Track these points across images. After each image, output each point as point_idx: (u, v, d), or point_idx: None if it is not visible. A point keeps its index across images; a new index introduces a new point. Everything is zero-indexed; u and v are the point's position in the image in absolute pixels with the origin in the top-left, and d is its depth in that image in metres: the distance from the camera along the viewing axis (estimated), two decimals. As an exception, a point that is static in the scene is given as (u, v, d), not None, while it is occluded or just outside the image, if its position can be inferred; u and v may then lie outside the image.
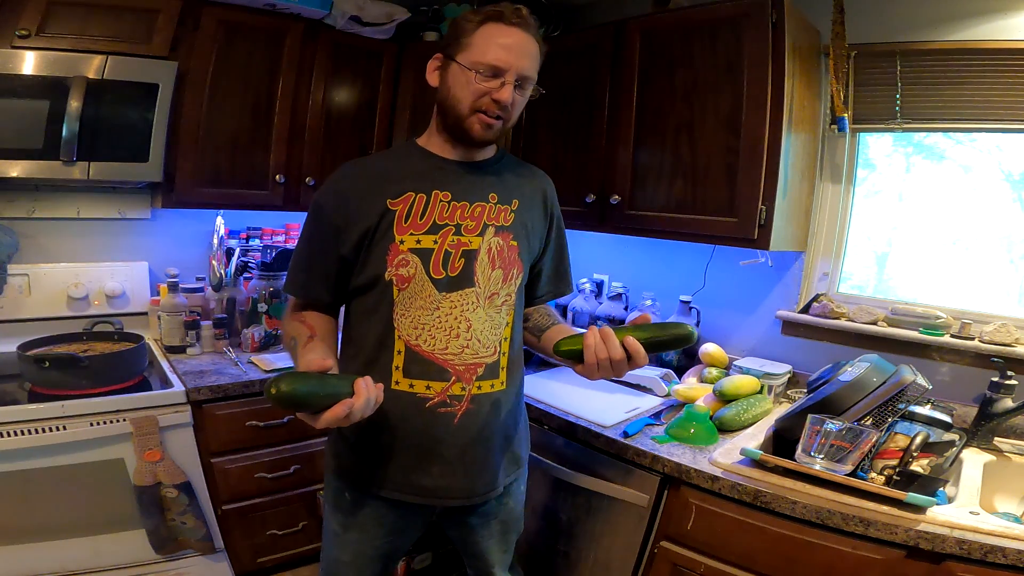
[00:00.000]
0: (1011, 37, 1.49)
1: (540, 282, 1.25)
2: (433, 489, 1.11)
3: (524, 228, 1.17)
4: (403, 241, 1.06)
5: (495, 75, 1.03)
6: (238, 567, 1.78)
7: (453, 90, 1.06)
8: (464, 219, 1.10)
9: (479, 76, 1.03)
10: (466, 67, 1.03)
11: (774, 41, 1.52)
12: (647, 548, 1.42)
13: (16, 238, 1.81)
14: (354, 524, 1.16)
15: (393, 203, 1.07)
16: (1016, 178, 1.61)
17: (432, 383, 1.07)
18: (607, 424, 1.52)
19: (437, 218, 1.08)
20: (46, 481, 1.45)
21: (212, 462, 1.68)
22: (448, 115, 1.08)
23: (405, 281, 1.06)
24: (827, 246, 1.84)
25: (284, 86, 1.94)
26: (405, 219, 1.07)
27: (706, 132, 1.66)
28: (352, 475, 1.14)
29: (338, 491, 1.17)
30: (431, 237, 1.07)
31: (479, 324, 1.09)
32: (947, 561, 1.06)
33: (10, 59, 1.48)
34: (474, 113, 1.05)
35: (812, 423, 1.25)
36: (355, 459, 1.13)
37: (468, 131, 1.07)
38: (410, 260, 1.06)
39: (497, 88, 1.03)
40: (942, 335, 1.56)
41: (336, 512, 1.18)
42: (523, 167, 1.25)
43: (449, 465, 1.10)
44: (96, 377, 1.55)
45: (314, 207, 1.12)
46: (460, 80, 1.05)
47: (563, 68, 2.01)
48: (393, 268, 1.06)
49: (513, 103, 1.06)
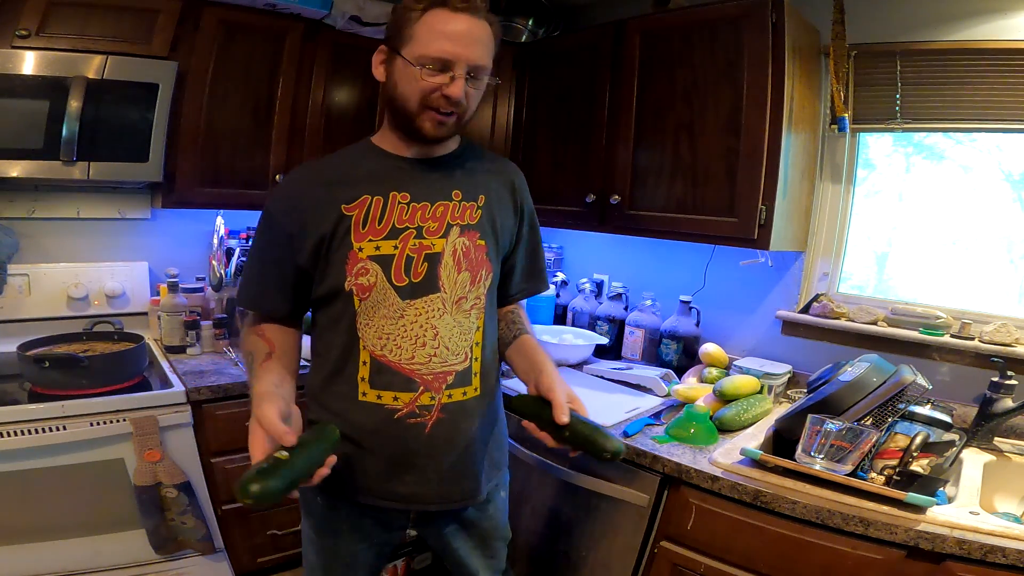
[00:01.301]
0: (1011, 37, 1.49)
1: (512, 280, 1.19)
2: (407, 496, 1.07)
3: (492, 225, 1.10)
4: (362, 248, 1.00)
5: (443, 69, 0.94)
6: (238, 567, 1.78)
7: (400, 87, 0.98)
8: (425, 220, 1.03)
9: (426, 71, 0.94)
10: (411, 62, 0.95)
11: (774, 41, 1.52)
12: (647, 548, 1.42)
13: (16, 238, 1.81)
14: (328, 529, 1.13)
15: (348, 208, 1.01)
16: (1016, 178, 1.61)
17: (399, 394, 1.03)
18: (607, 424, 1.52)
19: (396, 221, 1.02)
20: (46, 481, 1.45)
21: (212, 462, 1.68)
22: (397, 113, 1.01)
23: (366, 290, 1.01)
24: (827, 246, 1.84)
25: (284, 86, 1.93)
26: (363, 225, 1.01)
27: (706, 132, 1.66)
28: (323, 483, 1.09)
29: (311, 496, 1.13)
30: (391, 242, 1.01)
31: (446, 331, 1.04)
32: (947, 561, 1.06)
33: (10, 59, 1.47)
34: (424, 111, 0.97)
35: (812, 423, 1.25)
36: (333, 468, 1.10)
37: (419, 130, 1.00)
38: (370, 268, 1.00)
39: (447, 83, 0.95)
40: (942, 335, 1.56)
41: (309, 517, 1.15)
42: (489, 159, 1.17)
43: (423, 473, 1.06)
44: (96, 377, 1.55)
45: (264, 216, 1.06)
46: (406, 76, 0.96)
47: (563, 68, 2.01)
48: (352, 277, 1.01)
49: (467, 96, 0.98)
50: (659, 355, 2.01)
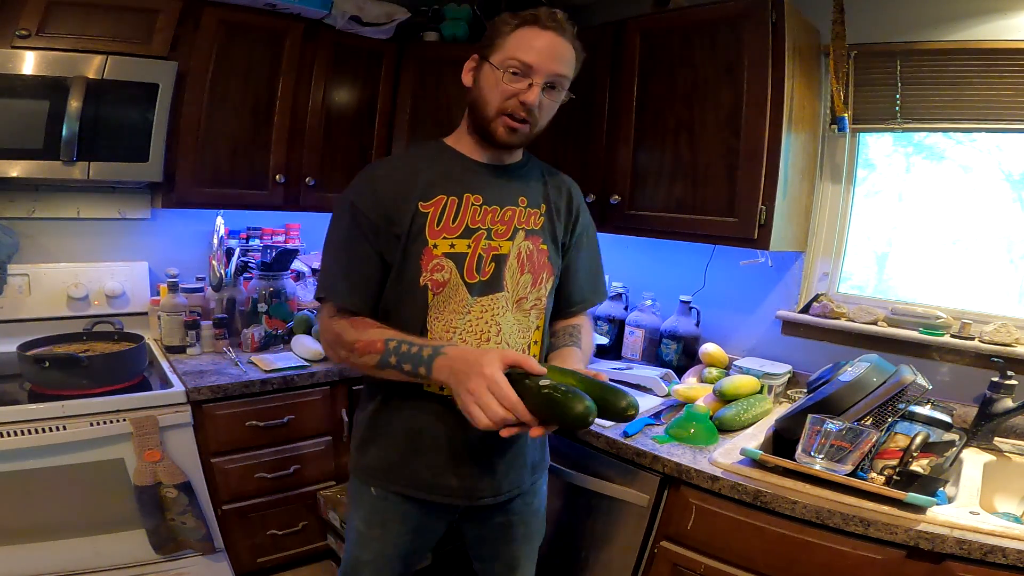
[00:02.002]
0: (1011, 37, 1.49)
1: (574, 287, 1.23)
2: (459, 489, 1.11)
3: (552, 232, 1.16)
4: (436, 245, 1.05)
5: (524, 74, 1.02)
6: (238, 567, 1.78)
7: (483, 91, 1.05)
8: (495, 223, 1.09)
9: (508, 76, 1.02)
10: (496, 66, 1.03)
11: (774, 41, 1.52)
12: (647, 548, 1.42)
13: (16, 238, 1.81)
14: (377, 521, 1.15)
15: (424, 206, 1.06)
16: (1016, 178, 1.61)
17: None
18: (607, 424, 1.52)
19: (470, 222, 1.07)
20: (46, 481, 1.45)
21: (212, 462, 1.69)
22: (477, 116, 1.08)
23: (440, 286, 1.05)
24: (827, 246, 1.84)
25: (284, 86, 1.94)
26: (437, 222, 1.06)
27: (706, 132, 1.66)
28: (378, 473, 1.13)
29: (362, 487, 1.16)
30: (464, 241, 1.07)
31: (508, 328, 1.10)
32: (947, 561, 1.06)
33: (10, 59, 1.48)
34: (499, 116, 1.04)
35: (812, 423, 1.25)
36: (383, 457, 1.12)
37: (492, 134, 1.06)
38: (445, 265, 1.05)
39: (525, 90, 1.02)
40: (942, 335, 1.56)
41: (359, 509, 1.18)
42: (550, 172, 1.23)
43: (477, 467, 1.10)
44: (96, 377, 1.55)
45: (348, 209, 1.06)
46: (490, 80, 1.04)
47: (563, 68, 2.01)
48: (428, 273, 1.05)
49: (541, 107, 1.05)
50: (659, 355, 2.01)
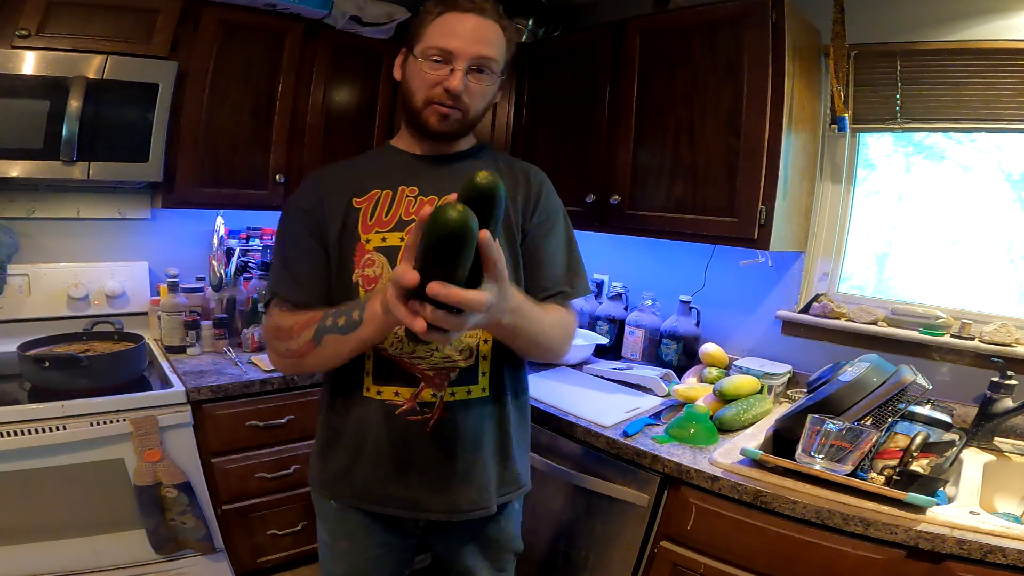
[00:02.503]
0: (1011, 37, 1.49)
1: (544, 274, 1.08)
2: (411, 500, 1.04)
3: (507, 220, 1.05)
4: (368, 240, 1.02)
5: (445, 61, 0.99)
6: (238, 567, 1.78)
7: (409, 83, 1.03)
8: None
9: (428, 64, 0.99)
10: (418, 56, 1.00)
11: (774, 41, 1.52)
12: (647, 548, 1.42)
13: (16, 238, 1.81)
14: (343, 533, 1.11)
15: (358, 201, 1.04)
16: (1016, 178, 1.61)
17: (400, 389, 1.02)
18: (607, 424, 1.52)
19: (403, 214, 1.03)
20: (46, 481, 1.45)
21: (212, 462, 1.68)
22: (407, 109, 1.06)
23: (371, 282, 1.00)
24: (827, 246, 1.84)
25: (284, 86, 1.93)
26: (370, 216, 1.03)
27: (706, 132, 1.66)
28: (333, 485, 1.09)
29: (322, 500, 1.13)
30: (397, 234, 1.01)
31: None
32: (947, 561, 1.06)
33: (10, 59, 1.48)
34: (428, 105, 1.01)
35: (812, 423, 1.25)
36: (334, 469, 1.08)
37: (424, 123, 1.03)
38: (376, 259, 1.01)
39: (447, 76, 0.98)
40: (942, 335, 1.56)
41: (324, 521, 1.14)
42: (507, 160, 1.15)
43: (425, 476, 1.03)
44: (96, 377, 1.55)
45: (294, 210, 1.06)
46: (414, 71, 1.02)
47: (563, 68, 2.01)
48: (360, 269, 1.01)
49: (469, 92, 1.00)
50: (659, 355, 2.01)
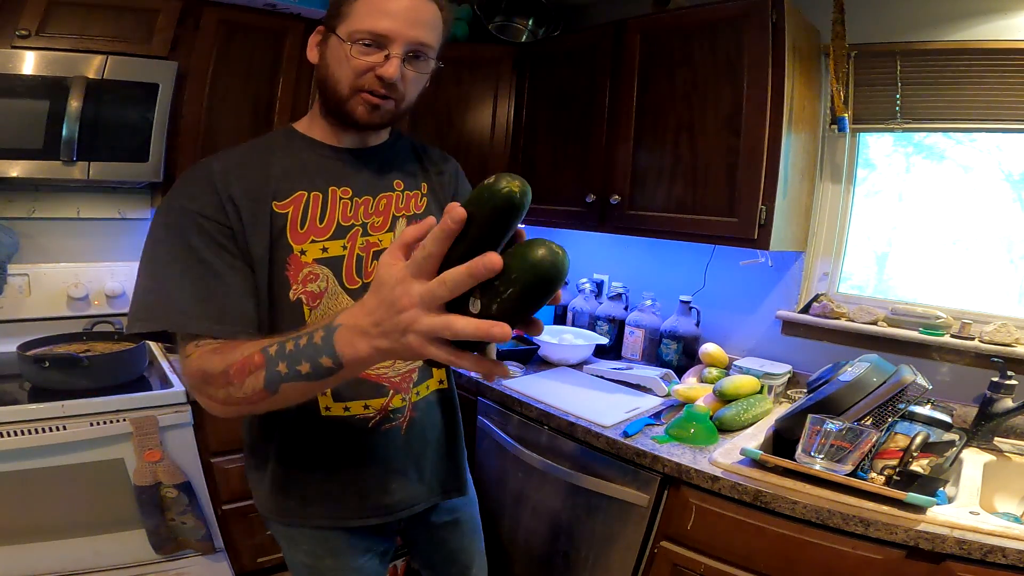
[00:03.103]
0: (1011, 37, 1.49)
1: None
2: (394, 505, 1.02)
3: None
4: (304, 251, 0.89)
5: (378, 46, 0.86)
6: (238, 567, 1.78)
7: (332, 68, 0.89)
8: (370, 216, 0.95)
9: (359, 48, 0.85)
10: (344, 39, 0.86)
11: (774, 41, 1.52)
12: (647, 548, 1.42)
13: (16, 238, 1.81)
14: (325, 551, 1.03)
15: (280, 205, 0.89)
16: (1016, 178, 1.61)
17: (369, 401, 0.96)
18: (607, 424, 1.52)
19: (340, 219, 0.92)
20: (46, 481, 1.45)
21: (212, 462, 1.68)
22: (329, 97, 0.91)
23: (316, 298, 0.90)
24: (827, 246, 1.84)
25: (284, 86, 1.93)
26: (301, 224, 0.89)
27: (706, 132, 1.66)
28: (301, 513, 0.99)
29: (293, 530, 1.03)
30: (338, 242, 0.92)
31: None
32: (947, 561, 1.06)
33: (10, 59, 1.48)
34: (356, 93, 0.88)
35: (812, 423, 1.25)
36: (301, 497, 0.99)
37: (351, 114, 0.90)
38: (319, 273, 0.90)
39: (381, 63, 0.86)
40: (942, 335, 1.56)
41: (299, 545, 1.04)
42: (422, 148, 1.09)
43: (405, 477, 1.02)
44: (96, 377, 1.55)
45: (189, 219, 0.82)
46: (339, 55, 0.87)
47: (563, 68, 2.01)
48: (300, 285, 0.89)
49: (404, 79, 0.89)
50: (659, 355, 2.01)
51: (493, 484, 1.78)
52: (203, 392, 0.77)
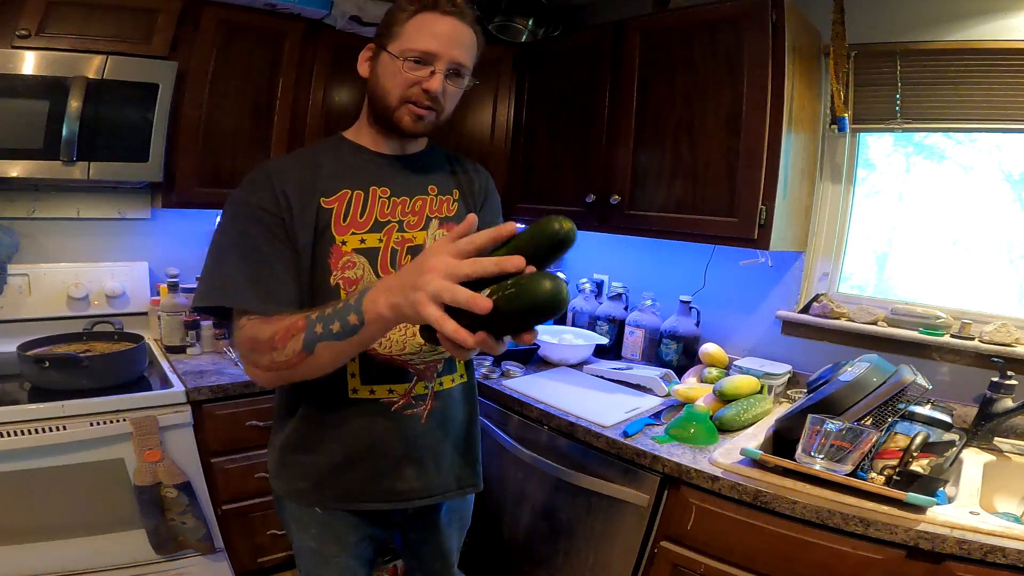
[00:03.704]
0: (1011, 37, 1.49)
1: None
2: (408, 492, 1.07)
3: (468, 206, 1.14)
4: (345, 242, 1.00)
5: (425, 63, 0.98)
6: (238, 567, 1.78)
7: (382, 80, 1.01)
8: (406, 214, 1.06)
9: (408, 64, 0.98)
10: (395, 56, 0.98)
11: (774, 41, 1.52)
12: (647, 548, 1.42)
13: (16, 238, 1.81)
14: (331, 537, 1.09)
15: (327, 201, 1.01)
16: (1016, 178, 1.61)
17: (394, 386, 1.04)
18: (607, 424, 1.52)
19: (379, 215, 1.03)
20: (46, 481, 1.45)
21: (212, 462, 1.68)
22: (377, 107, 1.03)
23: (353, 284, 1.00)
24: (827, 246, 1.84)
25: (284, 86, 1.93)
26: (344, 218, 1.01)
27: (706, 132, 1.66)
28: (315, 493, 1.05)
29: (302, 510, 1.08)
30: (375, 235, 1.03)
31: None
32: (947, 561, 1.06)
33: (10, 59, 1.48)
34: (403, 104, 1.00)
35: (812, 423, 1.25)
36: (317, 476, 1.04)
37: (398, 123, 1.02)
38: (357, 261, 1.01)
39: (427, 77, 0.98)
40: (942, 335, 1.56)
41: (307, 528, 1.09)
42: (454, 159, 1.20)
43: (422, 465, 1.07)
44: (96, 377, 1.55)
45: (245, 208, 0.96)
46: (389, 70, 1.00)
47: (563, 68, 2.01)
48: (339, 272, 1.00)
49: (445, 94, 1.01)
50: (659, 355, 2.01)
51: (493, 484, 1.78)
52: (249, 359, 0.91)
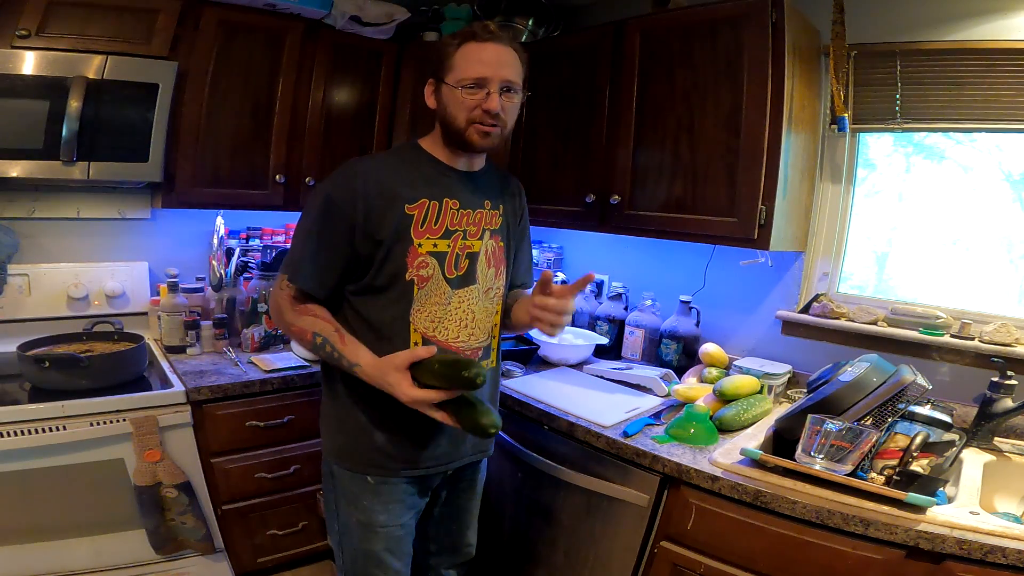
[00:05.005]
0: (1011, 37, 1.49)
1: (517, 272, 1.42)
2: (447, 454, 1.27)
3: (508, 229, 1.33)
4: (421, 244, 1.17)
5: (480, 86, 1.14)
6: (238, 567, 1.78)
7: (449, 108, 1.17)
8: (468, 225, 1.24)
9: (466, 91, 1.14)
10: (453, 86, 1.15)
11: (774, 41, 1.52)
12: (647, 548, 1.42)
13: (16, 238, 1.81)
14: (380, 507, 1.24)
15: (410, 208, 1.17)
16: (1016, 178, 1.61)
17: None
18: (607, 424, 1.52)
19: (449, 224, 1.21)
20: (46, 481, 1.45)
21: (212, 462, 1.68)
22: (450, 131, 1.19)
23: (424, 281, 1.18)
24: (827, 246, 1.84)
25: (284, 86, 1.94)
26: (421, 224, 1.18)
27: (706, 132, 1.66)
28: (378, 462, 1.23)
29: (356, 478, 1.24)
30: (445, 241, 1.20)
31: (480, 314, 1.26)
32: (947, 561, 1.06)
33: (10, 59, 1.48)
34: (471, 125, 1.16)
35: (812, 423, 1.25)
36: (379, 446, 1.22)
37: (469, 142, 1.18)
38: (429, 262, 1.18)
39: (484, 99, 1.14)
40: (942, 335, 1.56)
41: (357, 501, 1.24)
42: (501, 174, 1.38)
43: (455, 435, 1.25)
44: (96, 377, 1.55)
45: (325, 201, 1.15)
46: (451, 99, 1.16)
47: (563, 68, 2.01)
48: (414, 269, 1.17)
49: (504, 109, 1.16)
50: (659, 355, 2.01)
51: (493, 484, 1.78)
52: (274, 314, 1.25)
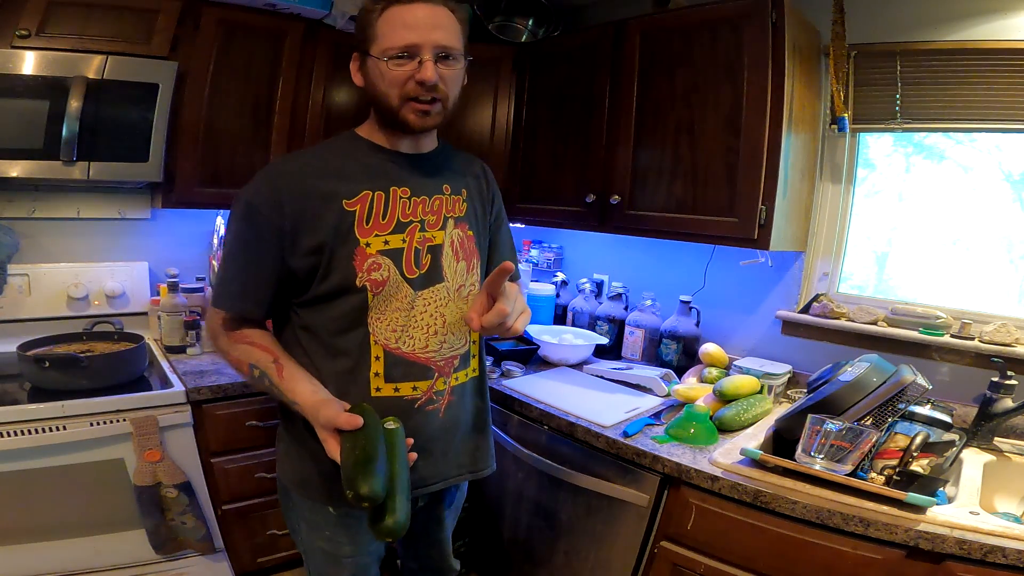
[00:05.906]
0: (1011, 37, 1.49)
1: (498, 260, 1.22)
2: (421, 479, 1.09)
3: (475, 216, 1.16)
4: (369, 244, 1.01)
5: (410, 56, 0.97)
6: (238, 567, 1.78)
7: (378, 85, 1.00)
8: (426, 214, 1.07)
9: (393, 63, 0.97)
10: (379, 59, 0.98)
11: (774, 41, 1.52)
12: (647, 548, 1.42)
13: (16, 238, 1.81)
14: (346, 538, 1.11)
15: (350, 203, 1.00)
16: (1016, 178, 1.61)
17: (418, 383, 1.07)
18: (607, 424, 1.52)
19: (401, 216, 1.04)
20: (46, 481, 1.45)
21: (212, 462, 1.68)
22: (382, 110, 1.03)
23: (379, 285, 1.01)
24: (827, 246, 1.84)
25: (284, 86, 1.93)
26: (366, 220, 1.01)
27: (706, 132, 1.66)
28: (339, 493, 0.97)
29: (316, 509, 1.10)
30: (399, 236, 1.03)
31: (452, 317, 1.09)
32: (947, 561, 1.06)
33: (10, 59, 1.47)
34: (405, 103, 0.99)
35: (812, 423, 1.25)
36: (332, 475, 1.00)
37: (404, 122, 1.01)
38: (381, 263, 1.01)
39: (416, 69, 0.97)
40: (942, 335, 1.56)
41: (320, 530, 1.11)
42: (461, 155, 1.21)
43: (432, 456, 1.11)
44: (96, 377, 1.55)
45: (245, 209, 0.99)
46: (379, 74, 0.99)
47: (563, 68, 2.01)
48: (365, 273, 1.00)
49: (443, 79, 0.99)
50: (659, 355, 2.01)
51: (493, 484, 1.78)
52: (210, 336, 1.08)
